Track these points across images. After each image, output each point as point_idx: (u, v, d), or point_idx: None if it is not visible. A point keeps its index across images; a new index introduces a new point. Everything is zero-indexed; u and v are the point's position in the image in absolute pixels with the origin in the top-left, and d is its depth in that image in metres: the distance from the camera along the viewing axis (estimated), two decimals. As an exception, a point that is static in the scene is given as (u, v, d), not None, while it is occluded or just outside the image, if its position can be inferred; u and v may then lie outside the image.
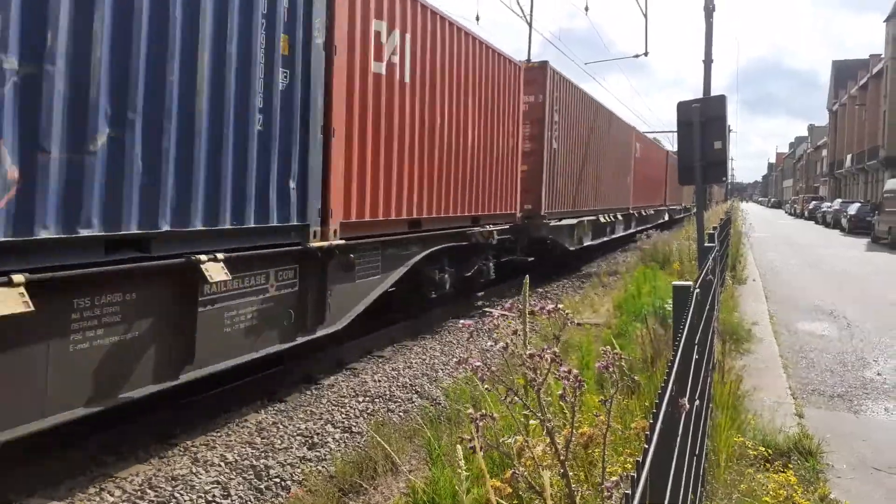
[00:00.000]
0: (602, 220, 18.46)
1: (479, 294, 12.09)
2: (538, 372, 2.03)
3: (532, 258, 13.35)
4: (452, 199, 9.30)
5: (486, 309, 11.17)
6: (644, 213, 26.54)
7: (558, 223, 14.20)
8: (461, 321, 10.15)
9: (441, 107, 8.87)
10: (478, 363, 2.11)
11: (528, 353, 2.03)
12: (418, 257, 8.52)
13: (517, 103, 11.81)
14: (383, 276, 7.72)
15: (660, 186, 31.46)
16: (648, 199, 27.54)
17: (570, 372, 1.98)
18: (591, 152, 17.20)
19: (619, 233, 21.86)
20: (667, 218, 33.66)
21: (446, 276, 9.63)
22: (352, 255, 6.81)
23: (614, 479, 1.87)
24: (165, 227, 4.50)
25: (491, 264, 11.34)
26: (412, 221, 8.30)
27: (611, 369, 2.05)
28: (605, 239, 19.78)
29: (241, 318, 5.38)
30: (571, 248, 15.63)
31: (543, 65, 13.40)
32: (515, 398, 2.10)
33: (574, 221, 15.46)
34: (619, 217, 21.23)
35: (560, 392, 2.08)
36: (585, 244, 17.00)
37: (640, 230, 25.34)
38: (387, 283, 7.80)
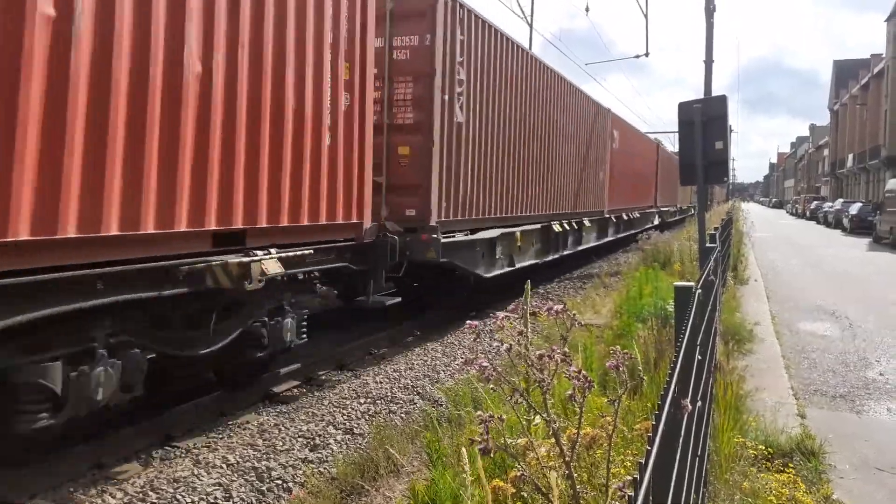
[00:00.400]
0: (557, 228, 13.82)
1: (278, 373, 6.98)
2: (546, 372, 2.02)
3: (398, 299, 8.23)
4: (134, 198, 4.36)
5: (490, 311, 11.16)
6: (628, 217, 22.33)
7: (466, 237, 9.55)
8: (467, 322, 9.84)
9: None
10: (485, 363, 2.11)
11: (537, 353, 2.02)
12: None
13: (354, 30, 6.83)
14: None
15: (649, 185, 26.88)
16: (633, 200, 22.99)
17: (579, 372, 1.98)
18: (535, 134, 12.36)
19: (590, 243, 17.44)
20: (657, 221, 28.48)
21: (104, 370, 4.32)
22: None
23: (625, 479, 1.87)
24: None
25: (288, 321, 6.21)
26: None
27: (620, 369, 2.05)
28: (565, 253, 14.96)
29: None
30: (488, 275, 10.35)
31: None
32: (520, 399, 2.10)
33: (495, 234, 10.52)
34: (588, 223, 16.61)
35: (569, 392, 2.07)
36: (520, 265, 11.71)
37: (622, 237, 22.21)
38: None
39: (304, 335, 6.58)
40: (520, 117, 11.56)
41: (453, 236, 9.08)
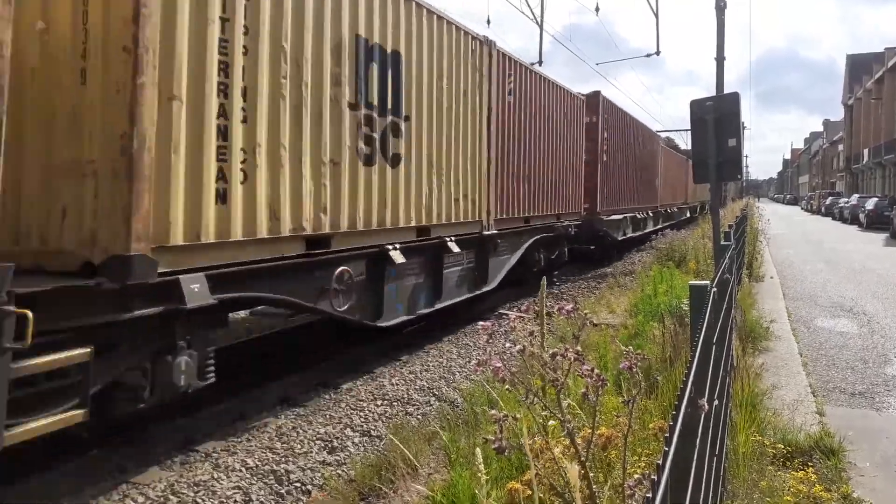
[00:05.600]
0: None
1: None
2: (559, 371, 2.03)
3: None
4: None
5: (502, 311, 11.16)
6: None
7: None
8: (479, 323, 10.07)
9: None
10: (498, 364, 2.12)
11: (550, 352, 2.03)
12: None
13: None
14: None
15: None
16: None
17: (592, 370, 1.99)
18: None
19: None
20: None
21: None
22: None
23: (636, 476, 1.88)
24: None
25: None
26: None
27: (633, 369, 2.05)
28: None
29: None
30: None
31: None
32: (535, 399, 2.11)
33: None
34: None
35: (582, 391, 2.08)
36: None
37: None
38: None
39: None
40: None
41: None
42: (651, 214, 25.19)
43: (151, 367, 4.62)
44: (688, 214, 39.01)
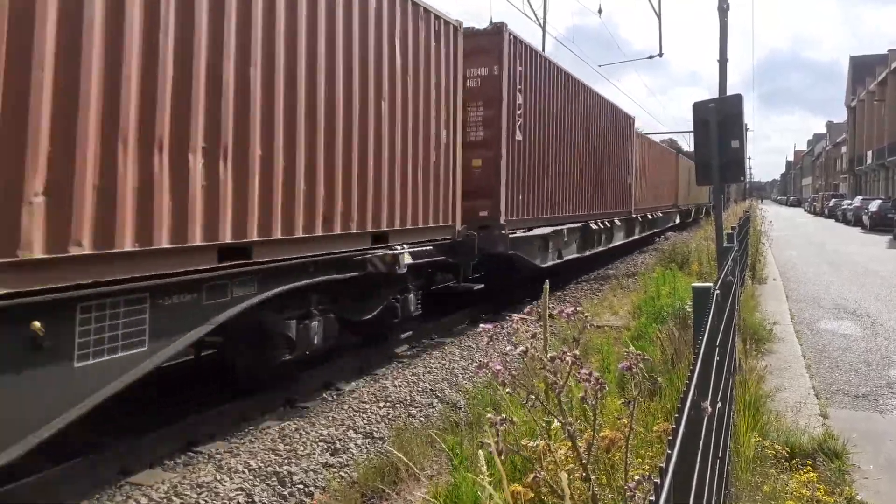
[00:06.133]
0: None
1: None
2: (559, 375, 2.03)
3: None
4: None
5: (505, 313, 11.15)
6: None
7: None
8: (480, 325, 10.14)
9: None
10: (498, 367, 2.12)
11: (548, 356, 2.03)
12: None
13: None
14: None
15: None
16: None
17: (590, 374, 1.99)
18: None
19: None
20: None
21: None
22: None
23: (636, 478, 1.88)
24: None
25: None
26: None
27: (633, 370, 2.05)
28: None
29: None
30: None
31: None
32: (536, 402, 2.11)
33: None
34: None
35: (581, 395, 2.08)
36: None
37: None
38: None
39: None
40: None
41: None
42: (619, 223, 18.28)
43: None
44: (676, 220, 30.78)
